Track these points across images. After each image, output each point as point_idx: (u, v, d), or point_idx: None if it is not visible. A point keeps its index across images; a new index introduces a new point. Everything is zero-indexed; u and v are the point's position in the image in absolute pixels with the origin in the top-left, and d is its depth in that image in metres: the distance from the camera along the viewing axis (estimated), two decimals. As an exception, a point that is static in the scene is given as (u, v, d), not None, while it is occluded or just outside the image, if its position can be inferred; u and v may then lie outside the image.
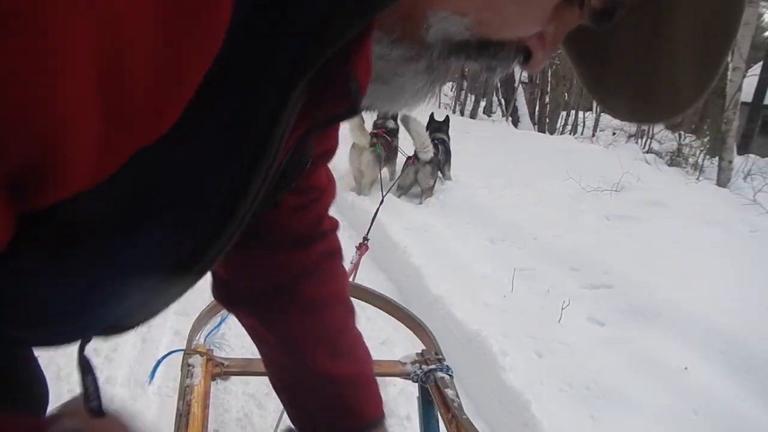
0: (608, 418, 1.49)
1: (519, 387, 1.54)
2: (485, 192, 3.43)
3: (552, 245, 2.59)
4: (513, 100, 7.92)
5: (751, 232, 2.87)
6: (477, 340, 1.76)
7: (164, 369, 1.60)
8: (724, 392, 1.58)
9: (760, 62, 11.96)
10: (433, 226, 2.92)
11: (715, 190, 3.90)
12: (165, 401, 1.53)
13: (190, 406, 0.83)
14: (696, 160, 6.78)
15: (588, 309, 2.04)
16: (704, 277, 2.27)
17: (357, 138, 3.44)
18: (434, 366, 1.02)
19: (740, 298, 2.09)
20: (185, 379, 0.89)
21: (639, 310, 1.99)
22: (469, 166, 4.16)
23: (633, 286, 2.13)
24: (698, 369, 1.67)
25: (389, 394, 1.63)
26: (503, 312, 2.03)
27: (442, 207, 3.29)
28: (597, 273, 2.28)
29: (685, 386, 1.60)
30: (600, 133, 11.68)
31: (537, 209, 3.14)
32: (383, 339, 1.93)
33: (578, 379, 1.63)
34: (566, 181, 3.61)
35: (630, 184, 3.54)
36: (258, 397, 1.58)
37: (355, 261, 2.09)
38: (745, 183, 5.08)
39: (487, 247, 2.68)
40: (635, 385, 1.61)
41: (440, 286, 2.16)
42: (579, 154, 4.90)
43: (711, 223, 2.92)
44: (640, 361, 1.72)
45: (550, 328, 1.91)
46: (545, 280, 2.28)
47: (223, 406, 1.54)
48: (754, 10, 5.64)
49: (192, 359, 0.93)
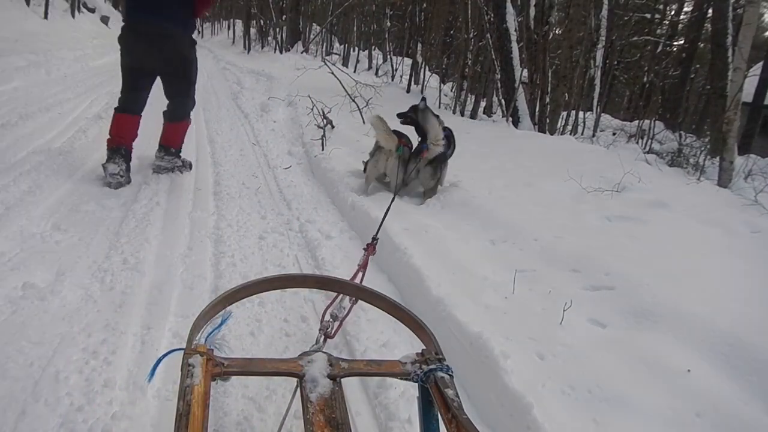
0: (610, 421, 1.48)
1: (520, 390, 1.53)
2: (486, 193, 3.42)
3: (553, 246, 2.58)
4: (513, 101, 7.90)
5: (753, 233, 2.86)
6: (478, 342, 1.75)
7: (164, 371, 1.59)
8: (728, 395, 1.57)
9: (760, 62, 11.96)
10: (434, 226, 2.91)
11: (716, 191, 3.88)
12: (164, 404, 1.52)
13: (190, 407, 0.82)
14: (697, 161, 6.78)
15: (590, 311, 2.04)
16: (706, 278, 2.26)
17: (385, 142, 3.49)
18: (434, 366, 1.02)
19: (743, 300, 2.08)
20: (185, 379, 0.89)
21: (641, 312, 1.98)
22: (469, 167, 4.15)
23: (635, 288, 2.12)
24: (701, 371, 1.66)
25: (390, 396, 1.62)
26: (504, 314, 2.02)
27: (443, 208, 3.28)
28: (598, 274, 2.27)
29: (688, 389, 1.59)
30: (600, 133, 11.69)
31: (538, 210, 3.13)
32: (384, 341, 1.92)
33: (580, 382, 1.62)
34: (567, 181, 3.60)
35: (631, 185, 3.53)
36: (258, 400, 1.57)
37: (362, 262, 2.09)
38: (746, 183, 5.08)
39: (487, 248, 2.67)
40: (637, 387, 1.60)
41: (441, 287, 2.15)
42: (580, 154, 4.89)
43: (712, 224, 2.91)
44: (642, 363, 1.71)
45: (552, 330, 1.90)
46: (546, 281, 2.27)
47: (222, 409, 1.53)
48: (755, 10, 5.62)
49: (192, 359, 0.93)
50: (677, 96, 17.18)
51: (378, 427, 1.55)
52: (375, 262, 2.42)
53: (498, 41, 8.11)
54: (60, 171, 3.40)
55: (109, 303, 1.98)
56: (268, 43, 19.30)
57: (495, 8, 8.08)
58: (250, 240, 2.79)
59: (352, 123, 6.05)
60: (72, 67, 8.53)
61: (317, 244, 2.80)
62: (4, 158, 3.46)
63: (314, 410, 0.94)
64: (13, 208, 2.68)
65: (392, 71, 13.56)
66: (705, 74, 16.51)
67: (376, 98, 6.86)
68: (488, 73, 10.27)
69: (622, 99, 24.09)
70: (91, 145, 4.15)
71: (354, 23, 17.70)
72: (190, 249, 2.57)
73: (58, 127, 4.58)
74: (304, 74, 8.09)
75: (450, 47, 14.95)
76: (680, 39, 18.23)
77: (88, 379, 1.55)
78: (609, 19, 12.33)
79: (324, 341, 1.51)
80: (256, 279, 1.31)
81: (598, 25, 11.66)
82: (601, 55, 12.31)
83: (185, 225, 2.87)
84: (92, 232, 2.59)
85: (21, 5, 11.91)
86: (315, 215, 3.28)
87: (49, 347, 1.68)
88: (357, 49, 17.44)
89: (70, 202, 2.93)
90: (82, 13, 15.75)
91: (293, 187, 3.87)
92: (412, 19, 14.28)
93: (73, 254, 2.33)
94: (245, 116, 6.47)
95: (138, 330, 1.85)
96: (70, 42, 10.88)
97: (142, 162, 3.75)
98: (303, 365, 1.03)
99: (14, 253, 2.26)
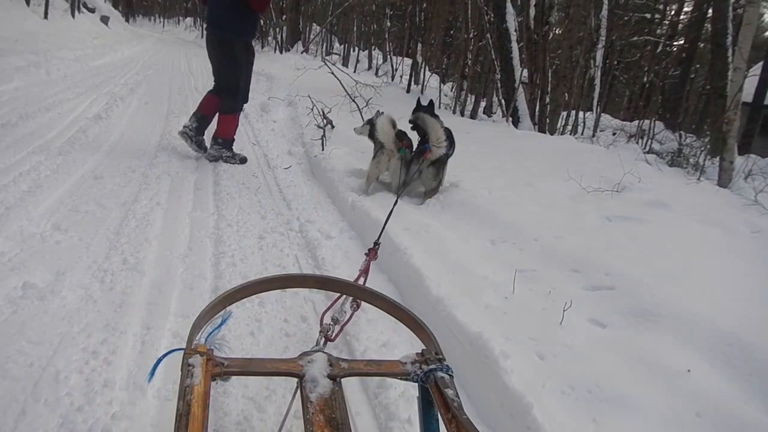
0: (610, 421, 1.48)
1: (520, 390, 1.53)
2: (486, 193, 3.42)
3: (553, 246, 2.58)
4: (513, 101, 7.91)
5: (753, 233, 2.86)
6: (478, 342, 1.75)
7: (164, 371, 1.59)
8: (728, 395, 1.57)
9: (760, 62, 11.97)
10: (434, 226, 2.91)
11: (716, 191, 3.88)
12: (164, 404, 1.52)
13: (190, 406, 0.82)
14: (697, 161, 6.78)
15: (590, 311, 2.03)
16: (706, 279, 2.26)
17: (390, 144, 3.52)
18: (434, 366, 1.02)
19: (743, 300, 2.08)
20: (185, 379, 0.89)
21: (641, 312, 1.98)
22: (469, 167, 4.15)
23: (635, 288, 2.12)
24: (701, 371, 1.66)
25: (390, 396, 1.62)
26: (504, 314, 2.02)
27: (443, 208, 3.28)
28: (598, 274, 2.27)
29: (688, 389, 1.59)
30: (600, 133, 11.69)
31: (538, 210, 3.13)
32: (384, 341, 1.92)
33: (580, 382, 1.62)
34: (567, 181, 3.60)
35: (631, 185, 3.53)
36: (258, 400, 1.57)
37: (363, 267, 2.09)
38: (746, 183, 5.08)
39: (487, 248, 2.67)
40: (637, 387, 1.60)
41: (441, 287, 2.15)
42: (580, 154, 4.89)
43: (712, 224, 2.91)
44: (642, 363, 1.71)
45: (552, 330, 1.90)
46: (546, 281, 2.27)
47: (222, 409, 1.53)
48: (755, 10, 5.62)
49: (192, 359, 0.93)
50: (677, 96, 17.18)
51: (378, 427, 1.55)
52: (375, 262, 2.41)
53: (498, 41, 8.12)
54: (60, 171, 3.40)
55: (109, 303, 1.98)
56: (268, 43, 19.31)
57: (495, 8, 8.08)
58: (250, 240, 2.79)
59: (352, 123, 6.05)
60: (72, 67, 8.53)
61: (317, 244, 2.80)
62: (4, 158, 3.46)
63: (314, 410, 0.94)
64: (13, 208, 2.68)
65: (392, 71, 13.57)
66: (705, 74, 16.52)
67: (376, 98, 6.86)
68: (488, 73, 10.28)
69: (622, 99, 24.10)
70: (91, 145, 4.16)
71: (354, 23, 17.71)
72: (190, 249, 2.57)
73: (58, 127, 4.58)
74: (304, 74, 8.09)
75: (450, 47, 14.95)
76: (680, 39, 18.23)
77: (88, 379, 1.55)
78: (609, 19, 12.33)
79: (324, 344, 1.51)
80: (256, 279, 1.31)
81: (598, 25, 11.67)
82: (601, 55, 12.32)
83: (185, 225, 2.87)
84: (92, 232, 2.59)
85: (21, 5, 11.92)
86: (315, 215, 3.28)
87: (49, 347, 1.68)
88: (357, 49, 17.45)
89: (70, 202, 2.93)
90: (82, 13, 15.76)
91: (293, 186, 3.87)
92: (412, 19, 14.29)
93: (73, 254, 2.33)
94: (245, 116, 6.47)
95: (138, 330, 1.85)
96: (70, 42, 10.88)
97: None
98: (303, 365, 1.03)
99: (14, 253, 2.26)
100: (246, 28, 3.98)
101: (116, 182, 3.39)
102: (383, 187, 3.74)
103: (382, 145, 3.57)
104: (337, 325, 1.71)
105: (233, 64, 4.04)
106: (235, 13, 3.85)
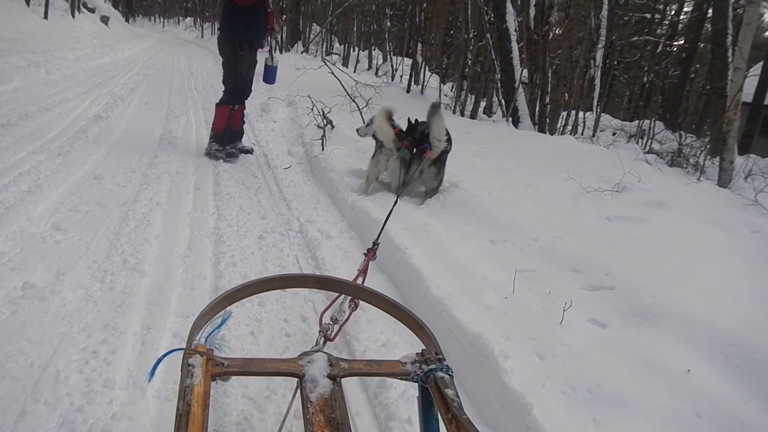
0: (610, 421, 1.48)
1: (520, 390, 1.53)
2: (486, 193, 3.42)
3: (553, 246, 2.58)
4: (513, 101, 7.91)
5: (753, 233, 2.86)
6: (478, 342, 1.75)
7: (164, 371, 1.59)
8: (728, 395, 1.57)
9: (760, 62, 11.97)
10: (434, 226, 2.91)
11: (716, 191, 3.88)
12: (164, 404, 1.52)
13: (190, 406, 0.82)
14: (697, 161, 6.78)
15: (590, 311, 2.03)
16: (706, 279, 2.26)
17: (389, 143, 3.53)
18: (434, 366, 1.02)
19: (743, 300, 2.08)
20: (185, 379, 0.89)
21: (641, 312, 1.98)
22: (469, 167, 4.15)
23: (635, 288, 2.12)
24: (701, 371, 1.66)
25: (390, 396, 1.62)
26: (504, 314, 2.02)
27: (443, 208, 3.28)
28: (598, 274, 2.27)
29: (688, 389, 1.59)
30: (600, 133, 11.69)
31: (538, 210, 3.13)
32: (384, 341, 1.92)
33: (580, 382, 1.62)
34: (567, 181, 3.60)
35: (631, 185, 3.53)
36: (258, 400, 1.57)
37: (362, 267, 2.09)
38: (746, 183, 5.08)
39: (487, 248, 2.67)
40: (638, 387, 1.60)
41: (441, 287, 2.15)
42: (580, 154, 4.89)
43: (712, 224, 2.91)
44: (642, 363, 1.71)
45: (552, 330, 1.90)
46: (546, 281, 2.27)
47: (222, 409, 1.53)
48: (755, 10, 5.62)
49: (192, 359, 0.93)
50: (677, 96, 17.18)
51: (378, 427, 1.55)
52: (375, 262, 2.42)
53: (498, 41, 8.11)
54: (60, 171, 3.41)
55: (109, 303, 1.98)
56: (268, 42, 19.28)
57: (495, 8, 8.08)
58: (250, 240, 2.79)
59: (352, 123, 6.05)
60: (72, 67, 8.53)
61: (317, 244, 2.80)
62: (4, 158, 3.46)
63: (314, 410, 0.94)
64: (13, 208, 2.68)
65: (392, 71, 13.58)
66: (705, 74, 16.50)
67: (376, 98, 6.86)
68: (488, 73, 10.28)
69: (622, 99, 24.10)
70: (91, 145, 4.16)
71: (354, 23, 17.71)
72: (190, 249, 2.57)
73: (58, 127, 4.58)
74: (304, 74, 8.09)
75: (450, 47, 14.95)
76: (680, 39, 18.23)
77: (88, 379, 1.55)
78: (609, 19, 12.33)
79: (324, 343, 1.51)
80: (256, 279, 1.31)
81: (598, 25, 11.67)
82: (601, 55, 12.31)
83: (185, 225, 2.87)
84: (92, 232, 2.59)
85: (21, 5, 11.92)
86: (315, 215, 3.28)
87: (49, 347, 1.68)
88: (357, 49, 17.45)
89: (70, 202, 2.93)
90: (82, 13, 15.76)
91: (293, 186, 3.87)
92: (412, 19, 14.29)
93: (73, 254, 2.33)
94: (245, 116, 6.46)
95: (138, 330, 1.85)
96: (70, 42, 10.89)
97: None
98: (303, 365, 1.03)
99: (14, 253, 2.26)
100: (230, 24, 4.23)
101: (116, 182, 3.39)
102: (383, 187, 3.74)
103: (382, 144, 3.57)
104: (336, 324, 1.71)
105: (223, 57, 4.37)
106: (224, 11, 4.25)
